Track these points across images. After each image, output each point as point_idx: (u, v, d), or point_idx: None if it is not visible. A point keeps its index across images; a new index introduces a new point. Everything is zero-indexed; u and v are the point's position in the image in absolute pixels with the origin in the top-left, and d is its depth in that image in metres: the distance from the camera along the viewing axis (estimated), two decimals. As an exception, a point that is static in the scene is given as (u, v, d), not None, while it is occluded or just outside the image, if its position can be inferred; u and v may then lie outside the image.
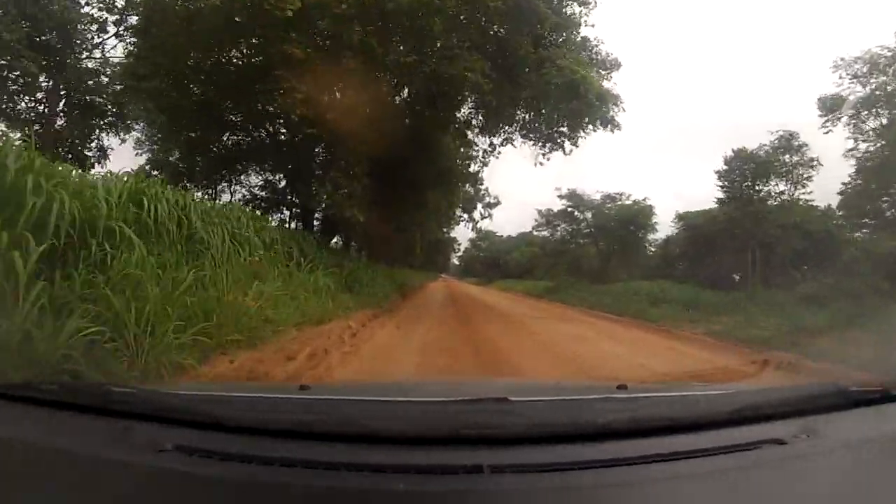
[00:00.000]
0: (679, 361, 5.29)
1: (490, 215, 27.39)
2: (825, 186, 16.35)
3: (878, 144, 12.75)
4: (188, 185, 11.97)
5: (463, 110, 12.51)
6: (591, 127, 11.27)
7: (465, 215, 27.62)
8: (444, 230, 45.70)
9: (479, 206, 28.08)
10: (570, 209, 26.45)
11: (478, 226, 27.94)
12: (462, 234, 64.21)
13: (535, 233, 26.65)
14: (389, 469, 0.87)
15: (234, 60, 10.27)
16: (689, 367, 4.72)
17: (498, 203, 26.92)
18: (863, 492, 0.92)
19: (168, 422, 1.00)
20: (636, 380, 2.70)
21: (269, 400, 1.24)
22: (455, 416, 1.03)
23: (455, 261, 75.62)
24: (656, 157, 64.98)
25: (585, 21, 11.04)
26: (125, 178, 4.12)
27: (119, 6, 12.35)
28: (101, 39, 12.89)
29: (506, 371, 4.37)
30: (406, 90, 11.45)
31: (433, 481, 0.87)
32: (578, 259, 28.09)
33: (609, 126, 10.79)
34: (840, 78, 13.10)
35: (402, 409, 1.13)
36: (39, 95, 13.00)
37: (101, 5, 12.61)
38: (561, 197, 26.44)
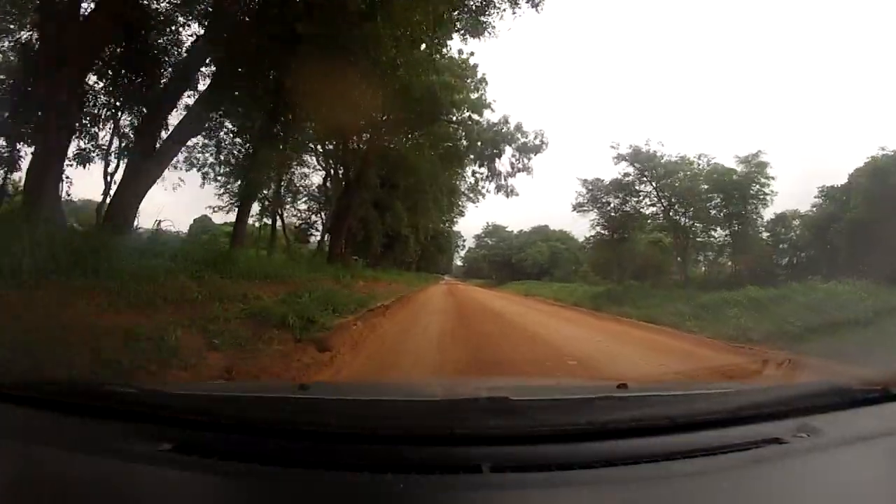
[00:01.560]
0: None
1: (528, 168, 17.70)
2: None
3: None
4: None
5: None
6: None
7: (485, 169, 17.80)
8: (445, 221, 38.41)
9: (509, 150, 18.21)
10: (628, 179, 19.36)
11: (507, 182, 18.11)
12: (467, 229, 56.10)
13: (578, 213, 21.64)
14: (389, 468, 0.93)
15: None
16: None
17: (541, 146, 17.33)
18: (862, 491, 0.97)
19: (168, 421, 1.08)
20: (637, 379, 2.83)
21: (268, 399, 1.32)
22: (455, 414, 1.11)
23: (458, 262, 67.96)
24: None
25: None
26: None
27: None
28: None
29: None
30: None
31: (433, 480, 0.94)
32: (632, 250, 21.71)
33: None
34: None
35: (401, 408, 1.21)
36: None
37: None
38: (619, 159, 19.62)
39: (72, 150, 9.40)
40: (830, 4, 55.39)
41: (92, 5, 7.79)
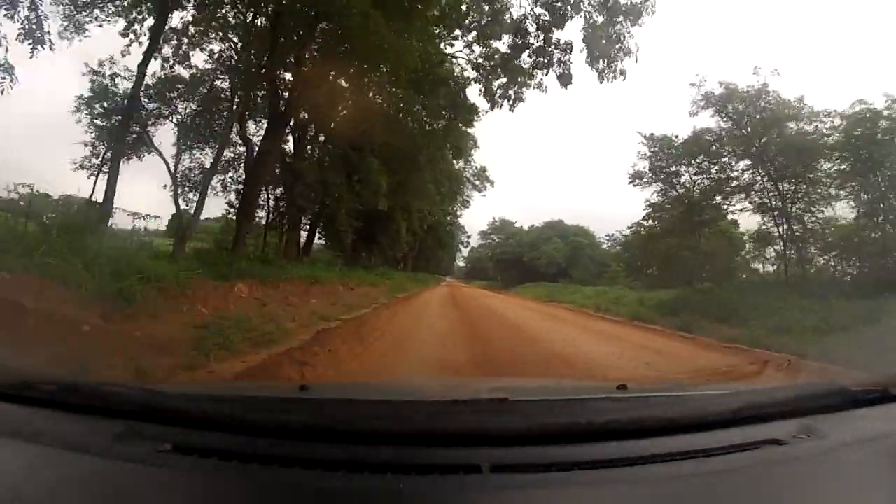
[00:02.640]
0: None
1: (620, 70, 12.40)
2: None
3: None
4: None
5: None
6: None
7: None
8: (448, 214, 33.70)
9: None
10: (709, 137, 13.64)
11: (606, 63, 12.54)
12: (470, 226, 50.81)
13: (635, 186, 16.50)
14: (389, 468, 0.98)
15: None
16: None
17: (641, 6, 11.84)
18: (862, 492, 1.01)
19: (168, 422, 1.15)
20: (637, 380, 2.87)
21: (268, 400, 1.38)
22: (455, 415, 1.16)
23: (461, 262, 63.18)
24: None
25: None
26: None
27: None
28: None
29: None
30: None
31: (433, 480, 0.99)
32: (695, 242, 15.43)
33: None
34: None
35: (402, 408, 1.27)
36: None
37: None
38: (704, 103, 13.80)
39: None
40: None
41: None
